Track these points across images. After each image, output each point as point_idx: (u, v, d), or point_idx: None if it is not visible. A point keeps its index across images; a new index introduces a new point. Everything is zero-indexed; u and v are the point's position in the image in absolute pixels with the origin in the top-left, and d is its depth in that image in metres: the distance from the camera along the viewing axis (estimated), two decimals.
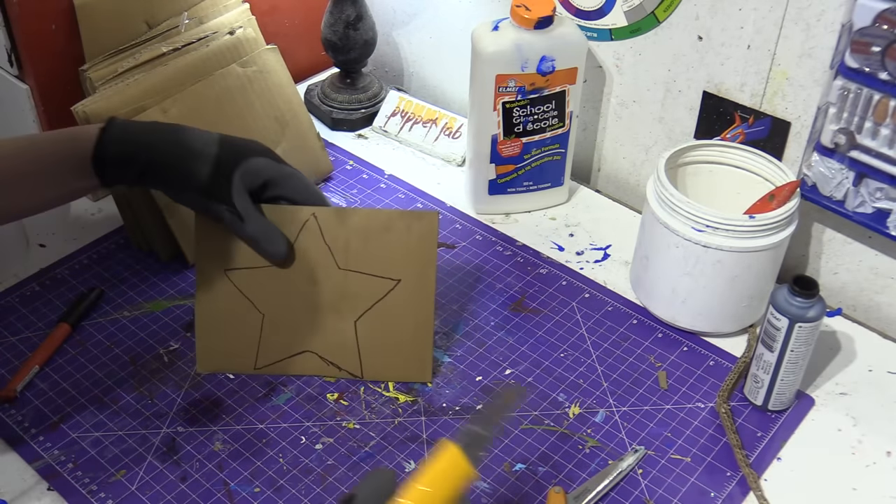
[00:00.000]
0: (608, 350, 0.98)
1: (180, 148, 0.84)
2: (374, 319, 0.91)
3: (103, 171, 0.84)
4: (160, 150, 0.84)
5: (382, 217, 0.89)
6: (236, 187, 0.84)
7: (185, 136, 0.85)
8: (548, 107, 1.08)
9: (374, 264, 0.90)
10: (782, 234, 0.92)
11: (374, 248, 0.89)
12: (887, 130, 0.90)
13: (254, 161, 0.85)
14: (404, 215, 0.89)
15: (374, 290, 0.90)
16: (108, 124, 0.84)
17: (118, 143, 0.83)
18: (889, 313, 1.04)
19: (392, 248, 0.89)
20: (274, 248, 0.88)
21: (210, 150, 0.84)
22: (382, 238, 0.89)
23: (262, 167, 0.86)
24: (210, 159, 0.84)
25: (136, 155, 0.83)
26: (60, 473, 0.84)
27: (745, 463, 0.86)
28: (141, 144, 0.84)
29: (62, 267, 1.06)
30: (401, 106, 1.29)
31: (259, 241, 0.87)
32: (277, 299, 0.91)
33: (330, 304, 0.91)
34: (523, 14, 1.03)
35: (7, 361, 0.94)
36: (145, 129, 0.85)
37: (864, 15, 0.86)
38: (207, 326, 0.92)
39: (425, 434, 0.88)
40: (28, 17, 1.04)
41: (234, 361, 0.93)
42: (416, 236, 0.89)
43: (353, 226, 0.89)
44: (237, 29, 1.11)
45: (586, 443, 0.88)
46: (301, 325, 0.92)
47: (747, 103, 1.04)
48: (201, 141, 0.85)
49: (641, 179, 1.20)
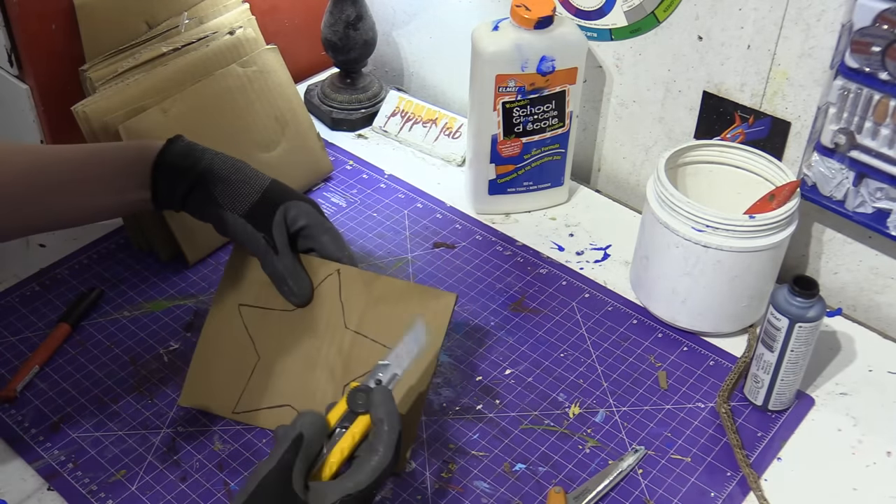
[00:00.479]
0: (608, 350, 0.98)
1: (236, 172, 0.88)
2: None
3: (158, 183, 0.87)
4: (217, 165, 0.88)
5: (402, 289, 0.87)
6: (277, 221, 0.86)
7: (241, 165, 0.89)
8: (548, 107, 1.08)
9: (381, 332, 0.86)
10: (782, 234, 0.92)
11: (386, 316, 0.87)
12: (887, 130, 0.90)
13: (299, 204, 0.87)
14: (424, 292, 0.86)
15: (373, 357, 0.85)
16: (175, 137, 0.89)
17: (180, 154, 0.88)
18: (889, 313, 1.04)
19: (401, 320, 0.84)
20: (299, 289, 0.87)
21: (263, 180, 0.88)
22: (395, 307, 0.86)
23: (305, 213, 0.87)
24: (261, 187, 0.87)
25: (194, 166, 0.87)
26: (60, 473, 0.84)
27: (745, 463, 0.86)
28: (200, 160, 0.88)
29: (62, 267, 1.06)
30: (401, 106, 1.29)
31: (286, 278, 0.87)
32: (278, 345, 0.89)
33: (326, 363, 0.88)
34: (523, 14, 1.03)
35: (7, 361, 0.94)
36: (208, 149, 0.89)
37: (864, 15, 0.86)
38: (204, 359, 0.90)
39: (425, 434, 0.88)
40: (28, 17, 1.04)
41: (214, 401, 0.90)
42: (431, 313, 0.85)
43: (372, 290, 0.87)
44: (237, 29, 1.11)
45: (586, 443, 0.88)
46: (291, 376, 0.89)
47: (747, 103, 1.04)
48: (255, 172, 0.89)
49: (641, 179, 1.20)
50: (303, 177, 1.16)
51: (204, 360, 0.90)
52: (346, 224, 1.13)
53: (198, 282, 1.04)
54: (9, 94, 1.11)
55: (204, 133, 0.96)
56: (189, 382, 0.90)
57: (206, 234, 1.05)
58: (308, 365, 0.88)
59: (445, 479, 0.84)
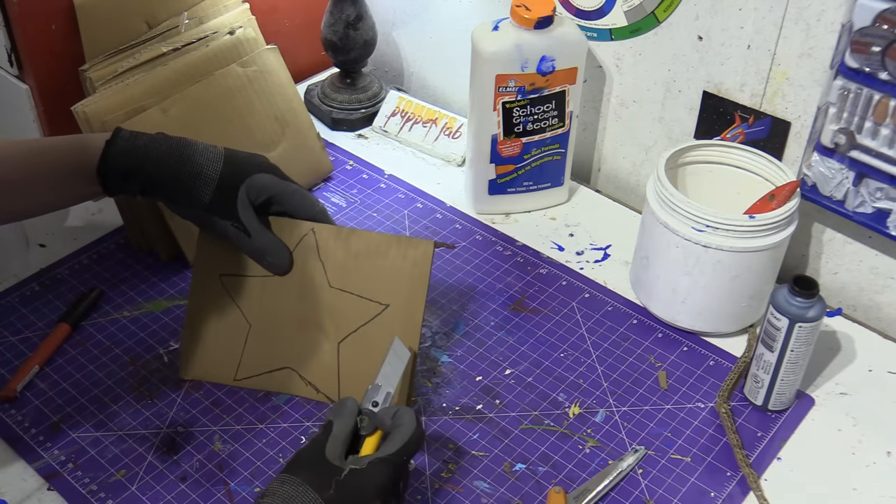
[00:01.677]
0: (608, 350, 0.98)
1: (184, 165, 0.84)
2: (357, 343, 0.89)
3: (107, 182, 0.85)
4: (164, 166, 0.84)
5: (379, 241, 0.88)
6: (241, 203, 0.85)
7: (189, 152, 0.85)
8: (548, 107, 1.08)
9: (364, 286, 0.88)
10: (782, 234, 0.92)
11: (367, 270, 0.88)
12: (887, 130, 0.90)
13: (258, 178, 0.86)
14: (401, 242, 0.88)
15: (361, 313, 0.88)
16: (114, 137, 0.85)
17: (122, 156, 0.84)
18: (889, 313, 1.04)
19: (384, 273, 0.87)
20: (277, 261, 0.88)
21: (214, 167, 0.85)
22: (376, 262, 0.88)
23: (267, 184, 0.87)
24: (214, 178, 0.85)
25: (139, 169, 0.84)
26: (60, 473, 0.84)
27: (745, 463, 0.86)
28: (145, 159, 0.84)
29: (62, 267, 1.06)
30: (401, 106, 1.29)
31: (264, 254, 0.88)
32: (266, 310, 0.90)
33: (316, 322, 0.90)
34: (523, 14, 1.03)
35: (7, 361, 0.94)
36: (151, 143, 0.85)
37: (864, 15, 0.86)
38: (195, 332, 0.92)
39: (425, 434, 0.88)
40: (28, 17, 1.04)
41: (215, 370, 0.92)
42: (410, 263, 0.87)
43: (350, 246, 0.88)
44: (237, 29, 1.11)
45: (586, 443, 0.88)
46: (285, 339, 0.90)
47: (747, 103, 1.04)
48: (205, 157, 0.85)
49: (641, 179, 1.20)
50: (303, 177, 1.16)
51: (195, 333, 0.92)
52: (347, 224, 1.13)
53: None
54: (9, 94, 1.11)
55: (204, 133, 0.95)
56: (185, 356, 0.92)
57: None
58: (300, 327, 0.89)
59: (445, 479, 0.84)
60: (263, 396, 0.91)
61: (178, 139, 0.86)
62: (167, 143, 0.85)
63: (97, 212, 1.14)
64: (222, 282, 0.91)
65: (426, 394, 0.92)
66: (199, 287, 0.92)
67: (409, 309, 0.87)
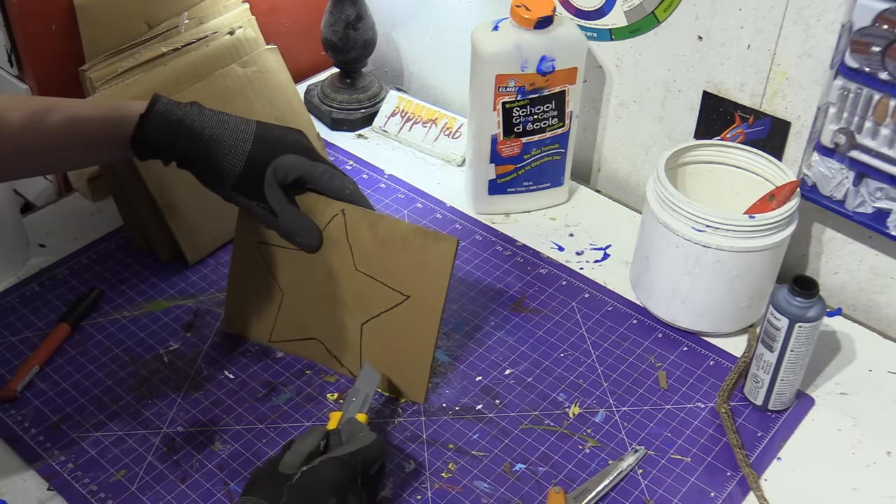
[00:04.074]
0: (608, 350, 0.98)
1: (214, 144, 0.85)
2: (379, 327, 0.91)
3: (140, 153, 0.86)
4: (195, 143, 0.85)
5: (406, 231, 0.88)
6: (268, 183, 0.86)
7: (220, 130, 0.85)
8: (548, 107, 1.08)
9: (387, 274, 0.89)
10: (782, 234, 0.92)
11: (391, 258, 0.88)
12: (887, 130, 0.90)
13: (285, 159, 0.86)
14: (426, 234, 0.87)
15: (383, 299, 0.89)
16: (149, 110, 0.85)
17: (155, 131, 0.84)
18: (889, 313, 1.04)
19: (407, 264, 0.88)
20: (306, 241, 0.90)
21: (242, 147, 0.85)
22: (400, 251, 0.88)
23: (295, 165, 0.87)
24: (242, 156, 0.85)
25: (171, 146, 0.85)
26: (60, 474, 0.84)
27: (745, 463, 0.86)
28: (177, 136, 0.85)
29: (62, 267, 1.06)
30: (401, 106, 1.29)
31: (292, 234, 0.89)
32: (297, 282, 0.93)
33: (342, 301, 0.91)
34: (523, 14, 1.03)
35: (7, 361, 0.94)
36: (184, 119, 0.85)
37: (864, 15, 0.86)
38: (236, 290, 0.96)
39: (425, 434, 0.88)
40: (28, 17, 1.04)
41: (253, 329, 0.96)
42: (433, 257, 0.87)
43: (377, 232, 0.89)
44: (237, 29, 1.11)
45: (586, 443, 0.88)
46: (314, 312, 0.93)
47: (747, 103, 1.04)
48: (235, 136, 0.85)
49: (641, 179, 1.20)
50: None
51: (236, 291, 0.96)
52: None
53: (198, 282, 1.04)
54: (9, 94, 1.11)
55: None
56: (227, 310, 0.97)
57: (206, 234, 1.06)
58: (328, 303, 0.92)
59: (445, 479, 0.84)
60: (263, 396, 0.91)
61: (213, 115, 0.86)
62: (200, 119, 0.85)
63: (97, 212, 1.14)
64: (259, 249, 0.93)
65: (426, 394, 0.92)
66: (238, 251, 0.95)
67: (429, 303, 0.88)
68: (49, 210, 1.15)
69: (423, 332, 0.88)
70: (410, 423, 0.89)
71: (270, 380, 0.93)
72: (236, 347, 0.97)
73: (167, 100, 0.86)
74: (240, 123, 0.87)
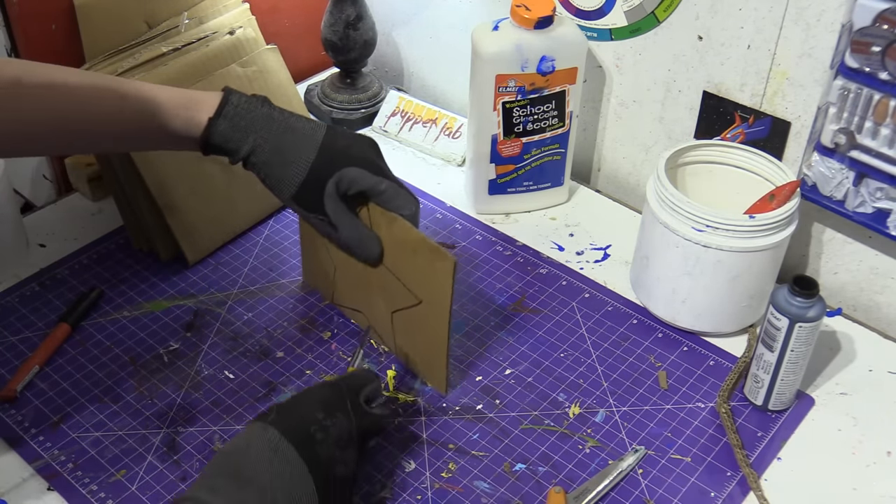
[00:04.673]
0: (608, 350, 0.98)
1: (277, 153, 0.84)
2: (405, 320, 0.92)
3: (207, 152, 0.86)
4: (259, 151, 0.84)
5: (415, 240, 0.86)
6: (329, 194, 0.84)
7: (286, 139, 0.85)
8: (548, 107, 1.08)
9: (404, 275, 0.89)
10: (782, 234, 0.92)
11: (405, 261, 0.89)
12: (887, 130, 0.90)
13: (349, 171, 0.85)
14: (430, 249, 0.85)
15: (403, 298, 0.90)
16: (219, 112, 0.84)
17: (222, 135, 0.84)
18: (889, 313, 1.04)
19: (418, 270, 0.88)
20: (366, 254, 0.89)
21: (306, 158, 0.84)
22: (410, 257, 0.88)
23: (357, 178, 0.85)
24: (305, 168, 0.84)
25: (237, 151, 0.85)
26: (60, 473, 0.84)
27: (745, 463, 0.86)
28: (243, 142, 0.84)
29: (62, 267, 1.06)
30: (401, 106, 1.29)
31: (351, 247, 0.88)
32: (346, 260, 0.94)
33: (378, 288, 0.93)
34: (523, 14, 1.03)
35: (7, 361, 0.94)
36: (252, 124, 0.84)
37: (864, 15, 0.86)
38: (307, 250, 1.02)
39: (425, 434, 0.88)
40: (28, 17, 1.04)
41: (322, 288, 1.02)
42: (437, 272, 0.86)
43: (393, 233, 0.88)
44: (237, 29, 1.11)
45: (586, 443, 0.88)
46: (360, 290, 0.96)
47: (747, 103, 1.04)
48: (300, 146, 0.84)
49: (641, 179, 1.20)
50: None
51: (307, 251, 1.02)
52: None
53: (198, 282, 1.04)
54: None
55: None
56: (304, 266, 1.04)
57: (206, 234, 1.06)
58: (366, 285, 0.95)
59: (445, 478, 0.84)
60: (263, 396, 0.91)
61: (282, 120, 0.85)
62: (268, 126, 0.85)
63: (97, 212, 1.14)
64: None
65: (426, 394, 0.92)
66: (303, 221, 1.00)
67: (438, 313, 0.87)
68: (49, 210, 1.15)
69: (437, 337, 0.88)
70: (410, 423, 0.89)
71: (270, 380, 0.93)
72: (236, 347, 0.97)
73: (237, 99, 0.85)
74: (307, 131, 0.85)
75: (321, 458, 0.72)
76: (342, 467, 0.74)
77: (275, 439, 0.71)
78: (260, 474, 0.69)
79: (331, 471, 0.72)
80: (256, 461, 0.70)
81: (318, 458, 0.72)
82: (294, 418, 0.74)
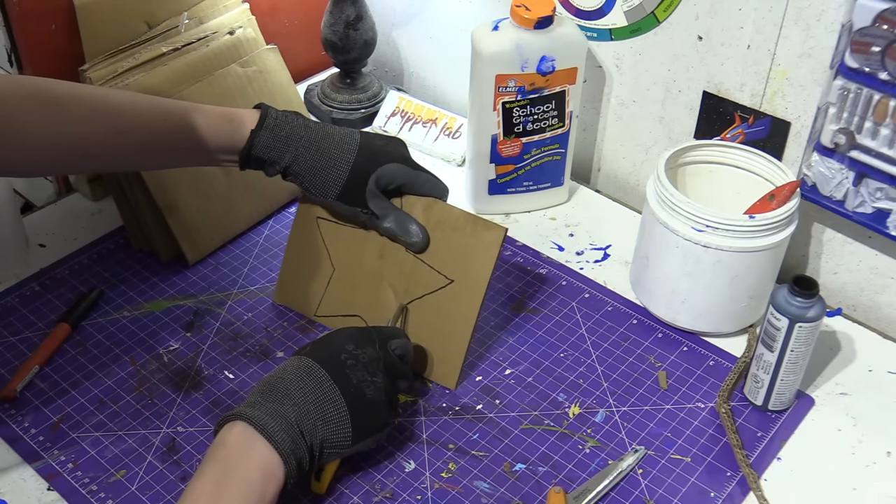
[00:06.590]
0: (608, 350, 0.98)
1: (319, 159, 0.90)
2: (422, 309, 0.93)
3: (246, 165, 0.91)
4: (301, 159, 0.90)
5: (458, 216, 0.92)
6: (370, 192, 0.91)
7: (326, 145, 0.90)
8: (548, 107, 1.08)
9: (436, 258, 0.92)
10: (782, 234, 0.92)
11: (441, 242, 0.92)
12: (887, 130, 0.90)
13: (389, 167, 0.91)
14: (476, 222, 0.91)
15: (429, 282, 0.93)
16: (260, 126, 0.89)
17: (264, 147, 0.89)
18: (889, 313, 1.04)
19: (455, 248, 0.92)
20: (413, 239, 0.92)
21: (347, 160, 0.90)
22: (450, 236, 0.92)
23: (397, 173, 0.92)
24: (346, 168, 0.90)
25: (278, 161, 0.90)
26: (60, 473, 0.84)
27: (745, 463, 0.86)
28: (285, 152, 0.89)
29: (62, 267, 1.06)
30: (401, 106, 1.29)
31: (396, 236, 0.93)
32: (349, 259, 0.96)
33: (391, 282, 0.94)
34: (523, 14, 1.03)
35: (7, 361, 0.94)
36: (292, 135, 0.90)
37: (864, 15, 0.86)
38: (289, 264, 1.01)
39: (425, 434, 0.88)
40: (28, 17, 1.04)
41: (300, 302, 1.00)
42: (481, 244, 0.90)
43: (430, 216, 0.93)
44: (237, 29, 1.11)
45: (586, 443, 0.88)
46: (361, 290, 0.96)
47: (747, 103, 1.04)
48: (340, 150, 0.90)
49: (641, 179, 1.20)
50: None
51: (290, 263, 1.01)
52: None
53: (198, 282, 1.04)
54: None
55: None
56: (280, 282, 1.02)
57: (206, 234, 1.06)
58: (375, 281, 0.96)
59: (445, 479, 0.84)
60: None
61: (319, 130, 0.91)
62: (307, 134, 0.90)
63: (97, 212, 1.14)
64: (318, 224, 0.98)
65: (426, 394, 0.92)
66: (298, 224, 0.99)
67: (472, 289, 0.91)
68: (49, 210, 1.15)
69: (463, 318, 0.91)
70: (410, 423, 0.89)
71: None
72: (236, 347, 0.97)
73: (275, 113, 0.90)
74: (344, 135, 0.91)
75: (351, 381, 0.79)
76: (372, 390, 0.80)
77: (308, 364, 0.79)
78: (294, 392, 0.77)
79: (361, 392, 0.79)
80: (291, 382, 0.78)
81: (348, 381, 0.79)
82: (326, 349, 0.81)
